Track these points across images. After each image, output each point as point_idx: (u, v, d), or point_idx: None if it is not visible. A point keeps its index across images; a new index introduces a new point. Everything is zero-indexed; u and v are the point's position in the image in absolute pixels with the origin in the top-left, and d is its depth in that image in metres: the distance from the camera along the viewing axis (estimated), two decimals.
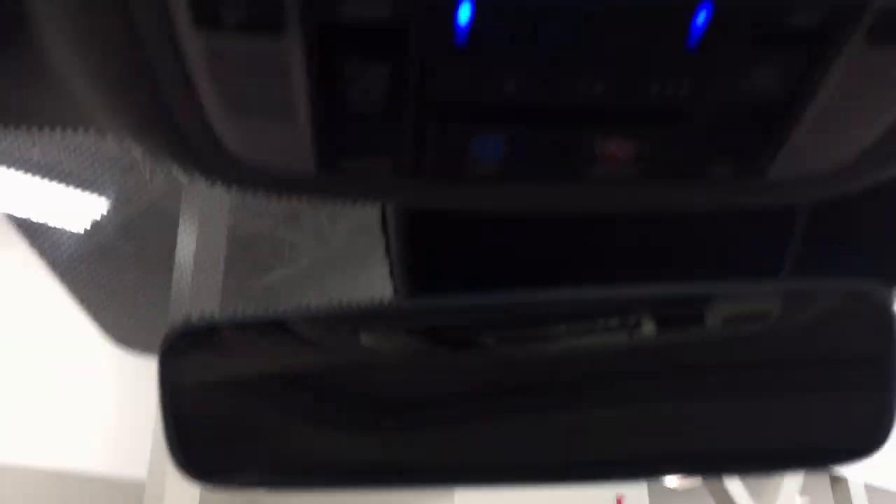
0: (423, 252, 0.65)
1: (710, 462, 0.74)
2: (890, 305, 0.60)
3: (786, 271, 0.68)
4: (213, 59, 0.37)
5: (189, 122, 0.41)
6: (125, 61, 0.38)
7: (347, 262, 5.26)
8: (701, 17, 0.35)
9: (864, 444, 0.64)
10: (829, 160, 0.45)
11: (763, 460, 0.73)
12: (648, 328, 0.68)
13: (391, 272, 0.66)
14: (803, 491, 5.91)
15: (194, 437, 0.65)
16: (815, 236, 0.66)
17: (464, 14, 0.35)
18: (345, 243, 5.51)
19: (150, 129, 0.42)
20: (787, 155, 0.44)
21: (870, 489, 6.06)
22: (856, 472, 5.93)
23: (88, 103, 0.44)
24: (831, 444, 0.69)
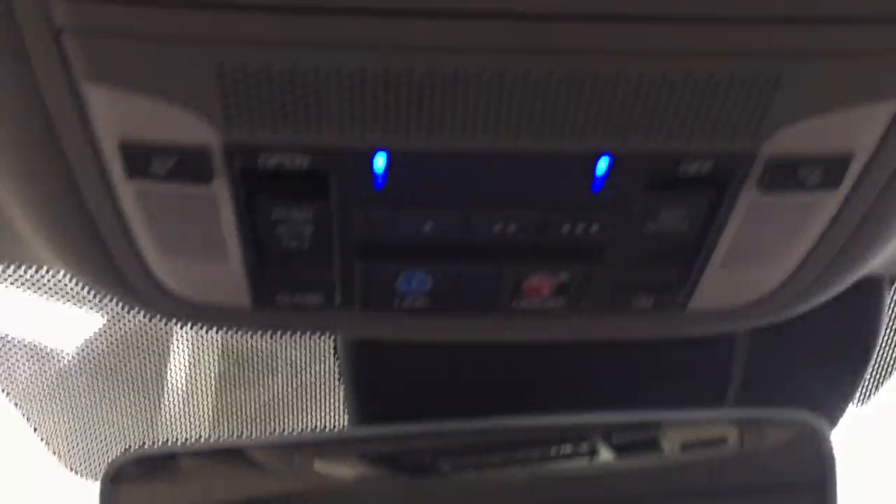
0: (375, 379, 0.66)
1: None
2: (827, 435, 0.61)
3: (731, 395, 0.69)
4: (146, 206, 0.39)
5: (126, 261, 0.44)
6: (64, 206, 0.40)
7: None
8: (602, 165, 0.38)
9: None
10: (746, 293, 0.47)
11: None
12: (605, 455, 0.68)
13: (345, 399, 0.67)
14: None
15: None
16: (758, 361, 0.67)
17: (379, 162, 0.37)
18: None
19: (90, 266, 0.44)
20: (703, 289, 0.46)
21: None
22: None
23: (33, 242, 0.46)
24: None
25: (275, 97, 0.34)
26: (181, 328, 1.32)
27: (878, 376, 1.03)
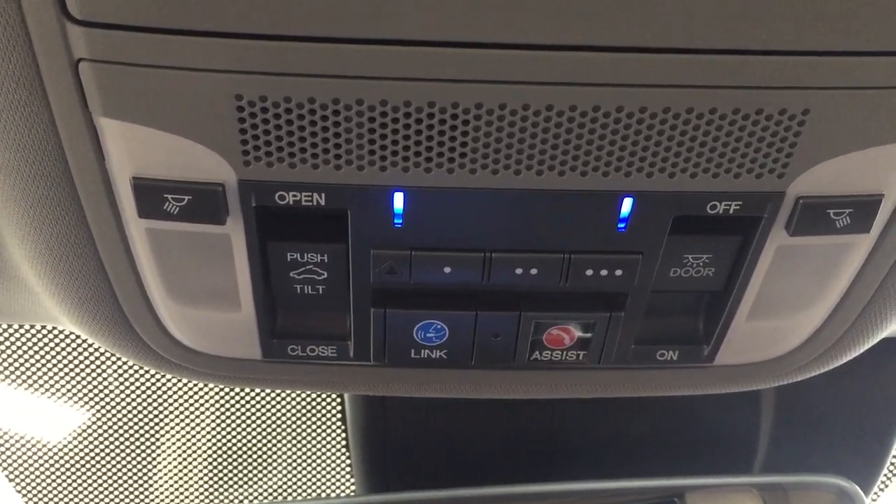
0: (384, 446, 0.64)
1: None
2: (860, 498, 0.58)
3: (758, 462, 0.66)
4: (158, 248, 0.38)
5: (135, 311, 0.42)
6: (74, 252, 0.39)
7: None
8: (626, 205, 0.37)
9: None
10: (774, 347, 0.46)
11: None
12: None
13: (352, 467, 0.65)
14: None
15: None
16: (784, 428, 0.65)
17: (399, 199, 0.36)
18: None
19: (99, 318, 0.43)
20: (730, 342, 0.44)
21: None
22: None
23: (43, 296, 0.45)
24: None
25: (293, 131, 0.33)
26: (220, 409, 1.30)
27: None
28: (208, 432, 1.37)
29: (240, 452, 1.38)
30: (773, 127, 0.34)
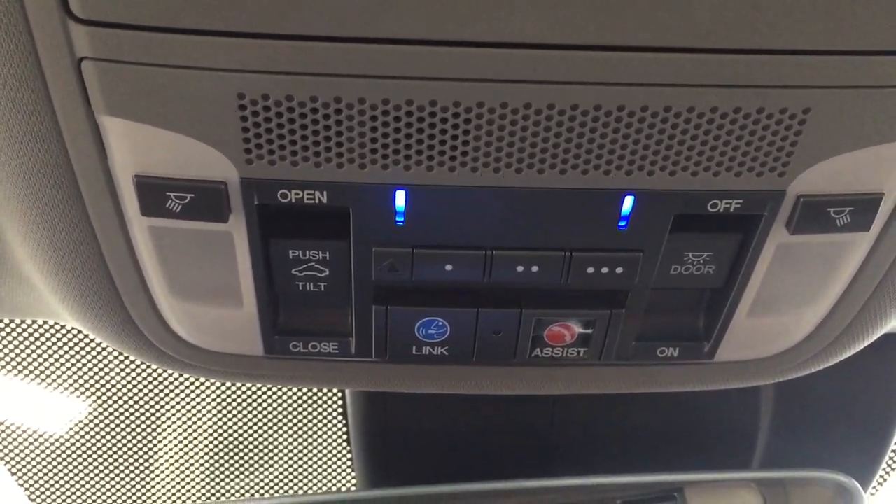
0: (385, 441, 0.64)
1: None
2: (861, 497, 0.58)
3: (757, 457, 0.66)
4: (160, 245, 0.38)
5: (138, 308, 0.42)
6: (76, 249, 0.40)
7: None
8: (627, 203, 0.37)
9: None
10: (774, 344, 0.46)
11: None
12: None
13: (353, 461, 0.65)
14: None
15: None
16: (784, 423, 0.65)
17: (400, 197, 0.36)
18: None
19: (101, 315, 0.43)
20: (731, 339, 0.44)
21: None
22: None
23: (45, 293, 0.45)
24: None
25: (295, 129, 0.33)
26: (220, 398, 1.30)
27: None
28: (209, 423, 1.37)
29: (241, 443, 1.39)
30: (774, 126, 0.34)
